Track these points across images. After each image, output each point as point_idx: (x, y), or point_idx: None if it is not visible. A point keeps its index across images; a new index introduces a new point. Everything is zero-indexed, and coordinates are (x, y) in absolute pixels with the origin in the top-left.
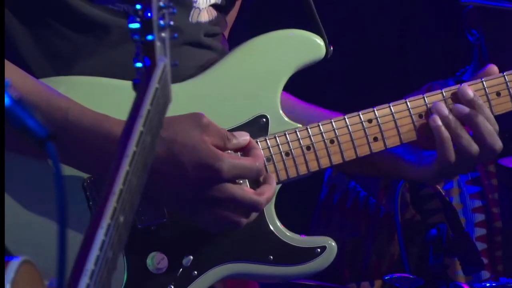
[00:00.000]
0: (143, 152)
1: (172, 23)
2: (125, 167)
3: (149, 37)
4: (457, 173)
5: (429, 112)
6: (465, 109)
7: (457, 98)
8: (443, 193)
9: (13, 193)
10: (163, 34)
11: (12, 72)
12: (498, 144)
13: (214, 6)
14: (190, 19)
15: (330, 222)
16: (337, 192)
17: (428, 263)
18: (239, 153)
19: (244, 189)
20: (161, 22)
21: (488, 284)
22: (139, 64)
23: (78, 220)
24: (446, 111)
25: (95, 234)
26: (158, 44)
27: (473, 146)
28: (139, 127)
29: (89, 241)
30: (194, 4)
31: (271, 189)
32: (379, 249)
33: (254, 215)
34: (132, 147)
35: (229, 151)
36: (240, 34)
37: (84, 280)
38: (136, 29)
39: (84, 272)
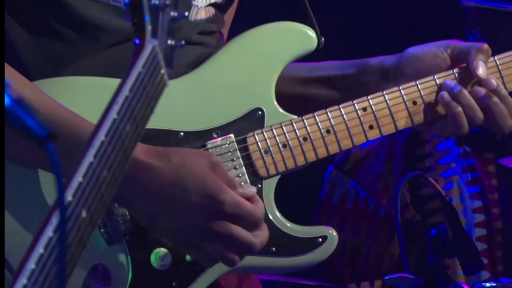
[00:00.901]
0: (119, 141)
1: (168, 2)
2: (88, 158)
3: (140, 18)
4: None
5: (437, 91)
6: (481, 92)
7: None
8: (443, 193)
9: (11, 196)
10: (158, 15)
11: (28, 89)
12: (508, 125)
13: (214, 5)
14: (189, 17)
15: (330, 222)
16: (337, 192)
17: (428, 263)
18: None
19: (241, 229)
20: (154, 2)
21: (488, 284)
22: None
23: None
24: (455, 85)
25: (43, 230)
26: (149, 26)
27: (482, 118)
28: (112, 115)
29: (36, 238)
30: (193, 2)
31: (266, 234)
32: (379, 249)
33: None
34: (100, 137)
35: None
36: (234, 27)
37: (21, 281)
38: (127, 11)
39: (22, 272)
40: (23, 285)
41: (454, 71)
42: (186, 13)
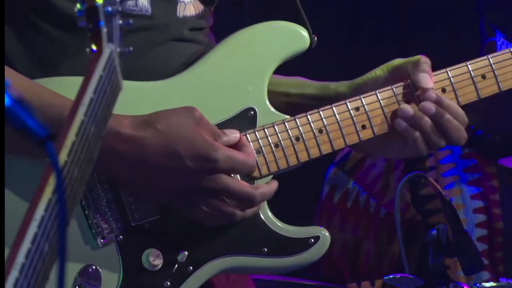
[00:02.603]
0: (87, 142)
1: (120, 9)
2: (63, 156)
3: (95, 24)
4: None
5: (396, 114)
6: (432, 109)
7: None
8: (444, 193)
9: (10, 194)
10: (111, 20)
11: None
12: (464, 137)
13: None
14: (178, 14)
15: (331, 222)
16: (337, 191)
17: (428, 263)
18: None
19: (238, 181)
20: (109, 8)
21: (488, 285)
22: (88, 51)
23: (72, 222)
24: (411, 112)
25: (27, 227)
26: (104, 30)
27: (442, 141)
28: (80, 116)
29: (21, 234)
30: None
31: (268, 188)
32: (379, 249)
33: (249, 210)
34: (71, 137)
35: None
36: (223, 26)
37: (14, 274)
38: (82, 16)
39: (14, 266)
40: (15, 278)
41: (393, 87)
42: (131, 21)
